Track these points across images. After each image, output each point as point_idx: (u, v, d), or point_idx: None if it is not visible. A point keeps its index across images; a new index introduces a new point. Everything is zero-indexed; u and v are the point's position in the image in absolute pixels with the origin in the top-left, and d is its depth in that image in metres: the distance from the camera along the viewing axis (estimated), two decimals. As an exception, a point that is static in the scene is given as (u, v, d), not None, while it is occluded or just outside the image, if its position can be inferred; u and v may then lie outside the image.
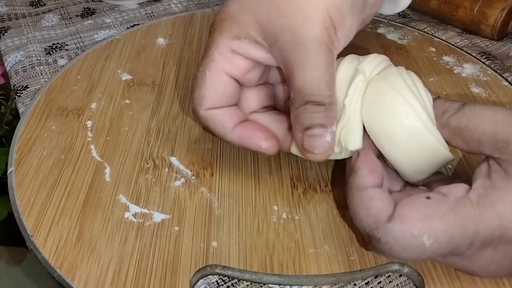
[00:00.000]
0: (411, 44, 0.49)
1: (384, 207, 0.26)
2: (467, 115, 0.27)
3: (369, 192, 0.27)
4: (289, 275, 0.29)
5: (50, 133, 0.38)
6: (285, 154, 0.36)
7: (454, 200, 0.25)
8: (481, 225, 0.24)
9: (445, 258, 0.27)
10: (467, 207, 0.25)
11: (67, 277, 0.29)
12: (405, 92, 0.29)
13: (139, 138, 0.38)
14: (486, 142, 0.26)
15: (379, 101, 0.29)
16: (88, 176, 0.35)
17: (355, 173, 0.28)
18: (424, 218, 0.24)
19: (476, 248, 0.25)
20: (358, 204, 0.27)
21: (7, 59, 0.49)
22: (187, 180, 0.35)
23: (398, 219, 0.25)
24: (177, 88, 0.43)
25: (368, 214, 0.26)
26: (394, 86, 0.29)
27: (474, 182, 0.26)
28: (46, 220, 0.32)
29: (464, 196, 0.25)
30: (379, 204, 0.26)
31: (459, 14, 0.52)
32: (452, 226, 0.24)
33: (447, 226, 0.24)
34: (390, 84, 0.29)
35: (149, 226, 0.31)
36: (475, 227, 0.24)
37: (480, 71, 0.45)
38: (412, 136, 0.28)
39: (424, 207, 0.25)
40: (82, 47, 0.51)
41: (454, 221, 0.24)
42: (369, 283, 0.29)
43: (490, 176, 0.26)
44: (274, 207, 0.33)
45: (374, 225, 0.26)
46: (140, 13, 0.56)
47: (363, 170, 0.28)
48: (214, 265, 0.29)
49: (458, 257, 0.26)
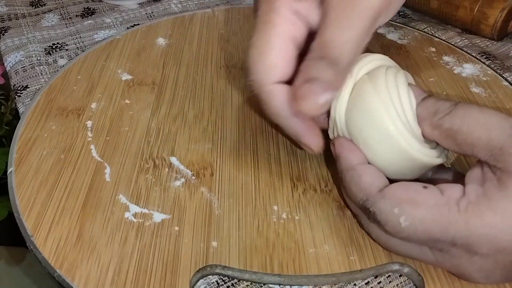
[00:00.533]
0: (411, 44, 0.49)
1: (373, 181, 0.28)
2: (461, 117, 0.26)
3: (357, 170, 0.28)
4: (289, 275, 0.29)
5: (50, 133, 0.38)
6: (285, 154, 0.36)
7: (445, 200, 0.25)
8: (464, 231, 0.24)
9: (434, 254, 0.27)
10: (453, 212, 0.25)
11: (67, 277, 0.29)
12: (383, 96, 0.28)
13: (139, 138, 0.38)
14: (480, 147, 0.26)
15: (358, 104, 0.29)
16: (88, 176, 0.35)
17: (339, 158, 0.30)
18: (410, 201, 0.26)
19: (462, 250, 0.25)
20: (350, 182, 0.28)
21: (7, 59, 0.49)
22: (187, 180, 0.35)
23: (386, 194, 0.26)
24: (177, 88, 0.43)
25: (360, 188, 0.28)
26: (374, 89, 0.29)
27: (467, 185, 0.26)
28: (46, 220, 0.32)
29: (456, 200, 0.25)
30: (368, 179, 0.28)
31: (459, 14, 0.52)
32: (432, 221, 0.25)
33: (427, 219, 0.25)
34: (370, 86, 0.29)
35: (149, 226, 0.31)
36: (457, 232, 0.25)
37: (480, 71, 0.45)
38: (386, 142, 0.28)
39: (415, 193, 0.26)
40: (82, 47, 0.51)
41: (436, 218, 0.25)
42: (369, 283, 0.29)
43: (483, 183, 0.25)
44: (274, 207, 0.33)
45: (366, 197, 0.27)
46: (140, 13, 0.56)
47: (344, 152, 0.29)
48: (214, 265, 0.29)
49: (447, 255, 0.26)
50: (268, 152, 0.37)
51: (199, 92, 0.43)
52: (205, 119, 0.40)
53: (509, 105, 0.41)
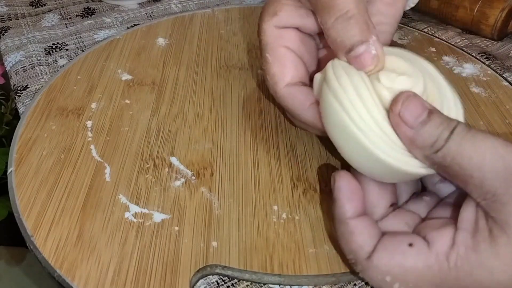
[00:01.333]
0: (411, 44, 0.49)
1: (364, 243, 0.26)
2: (452, 156, 0.24)
3: (350, 226, 0.27)
4: (289, 275, 0.29)
5: (50, 133, 0.38)
6: (285, 154, 0.36)
7: (434, 256, 0.25)
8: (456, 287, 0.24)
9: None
10: (444, 269, 0.24)
11: (67, 277, 0.29)
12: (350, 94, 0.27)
13: (139, 138, 0.38)
14: (473, 187, 0.24)
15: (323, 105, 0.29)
16: (88, 176, 0.35)
17: (335, 203, 0.28)
18: (399, 267, 0.25)
19: None
20: (341, 237, 0.27)
21: (7, 59, 0.49)
22: (187, 180, 0.35)
23: (375, 262, 0.25)
24: (177, 88, 0.43)
25: (350, 249, 0.27)
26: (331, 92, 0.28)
27: (458, 231, 0.25)
28: (46, 220, 0.32)
29: (445, 254, 0.25)
30: (359, 240, 0.26)
31: (459, 14, 0.52)
32: (425, 283, 0.25)
33: (420, 281, 0.25)
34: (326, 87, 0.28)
35: (149, 226, 0.31)
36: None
37: (480, 71, 0.45)
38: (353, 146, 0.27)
39: (402, 257, 0.25)
40: (82, 47, 0.51)
41: (428, 279, 0.25)
42: (369, 283, 0.29)
43: (475, 233, 0.24)
44: (274, 207, 0.33)
45: (354, 260, 0.27)
46: (140, 13, 0.56)
47: (341, 200, 0.27)
48: (214, 265, 0.29)
49: None
50: (268, 152, 0.37)
51: (199, 92, 0.43)
52: (205, 119, 0.40)
53: (509, 105, 0.41)
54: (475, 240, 0.24)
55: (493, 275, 0.23)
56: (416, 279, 0.25)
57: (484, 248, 0.24)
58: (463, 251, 0.24)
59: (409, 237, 0.26)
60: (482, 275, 0.24)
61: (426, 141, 0.25)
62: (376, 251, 0.26)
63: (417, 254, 0.25)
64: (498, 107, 0.41)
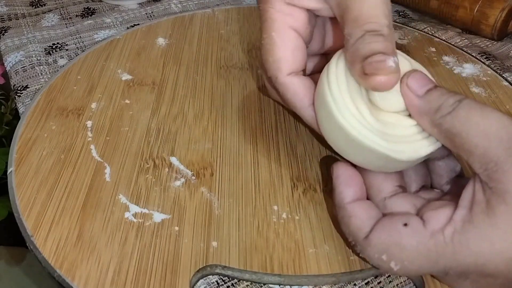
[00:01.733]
0: (411, 44, 0.49)
1: (362, 224, 0.27)
2: (461, 121, 0.25)
3: (348, 210, 0.28)
4: (289, 275, 0.29)
5: (50, 133, 0.38)
6: (285, 154, 0.36)
7: (429, 233, 0.25)
8: (453, 261, 0.24)
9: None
10: (440, 244, 0.24)
11: (67, 277, 0.29)
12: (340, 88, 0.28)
13: (139, 138, 0.38)
14: (476, 156, 0.24)
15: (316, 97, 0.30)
16: (88, 176, 0.35)
17: (334, 190, 0.29)
18: (395, 246, 0.25)
19: (454, 277, 0.25)
20: (340, 222, 0.29)
21: (7, 59, 0.49)
22: (187, 180, 0.35)
23: (372, 241, 0.26)
24: (177, 88, 0.43)
25: (349, 232, 0.28)
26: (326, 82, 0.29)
27: (458, 209, 0.25)
28: (46, 220, 0.32)
29: (440, 229, 0.25)
30: (357, 222, 0.27)
31: (459, 14, 0.52)
32: (421, 259, 0.25)
33: (416, 258, 0.25)
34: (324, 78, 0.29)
35: (149, 226, 0.31)
36: (447, 263, 0.24)
37: (480, 71, 0.45)
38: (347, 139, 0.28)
39: (398, 235, 0.26)
40: (82, 47, 0.51)
41: (423, 255, 0.25)
42: (369, 283, 0.29)
43: (471, 208, 0.24)
44: (274, 207, 0.33)
45: (354, 242, 0.27)
46: (140, 13, 0.56)
47: (340, 186, 0.29)
48: (214, 265, 0.29)
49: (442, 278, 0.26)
50: (268, 152, 0.37)
51: (199, 92, 0.43)
52: (205, 119, 0.40)
53: (509, 105, 0.41)
54: (472, 213, 0.24)
55: (493, 245, 0.23)
56: (411, 257, 0.25)
57: (482, 219, 0.24)
58: (460, 225, 0.24)
59: (405, 217, 0.26)
60: (482, 246, 0.23)
61: (432, 104, 0.26)
62: (374, 230, 0.26)
63: (412, 232, 0.25)
64: (498, 107, 0.41)
